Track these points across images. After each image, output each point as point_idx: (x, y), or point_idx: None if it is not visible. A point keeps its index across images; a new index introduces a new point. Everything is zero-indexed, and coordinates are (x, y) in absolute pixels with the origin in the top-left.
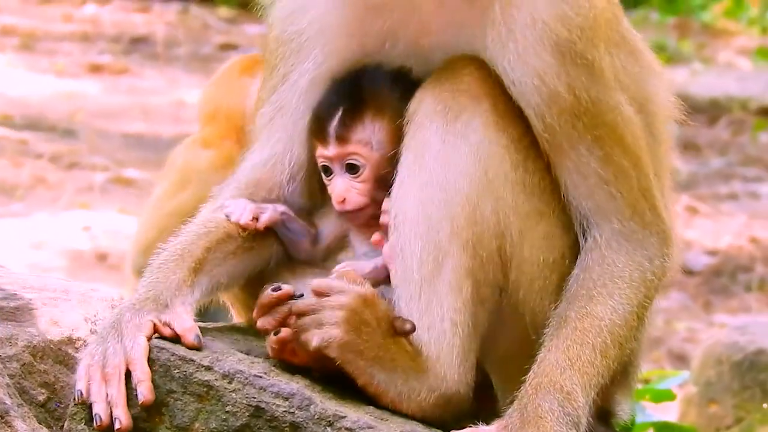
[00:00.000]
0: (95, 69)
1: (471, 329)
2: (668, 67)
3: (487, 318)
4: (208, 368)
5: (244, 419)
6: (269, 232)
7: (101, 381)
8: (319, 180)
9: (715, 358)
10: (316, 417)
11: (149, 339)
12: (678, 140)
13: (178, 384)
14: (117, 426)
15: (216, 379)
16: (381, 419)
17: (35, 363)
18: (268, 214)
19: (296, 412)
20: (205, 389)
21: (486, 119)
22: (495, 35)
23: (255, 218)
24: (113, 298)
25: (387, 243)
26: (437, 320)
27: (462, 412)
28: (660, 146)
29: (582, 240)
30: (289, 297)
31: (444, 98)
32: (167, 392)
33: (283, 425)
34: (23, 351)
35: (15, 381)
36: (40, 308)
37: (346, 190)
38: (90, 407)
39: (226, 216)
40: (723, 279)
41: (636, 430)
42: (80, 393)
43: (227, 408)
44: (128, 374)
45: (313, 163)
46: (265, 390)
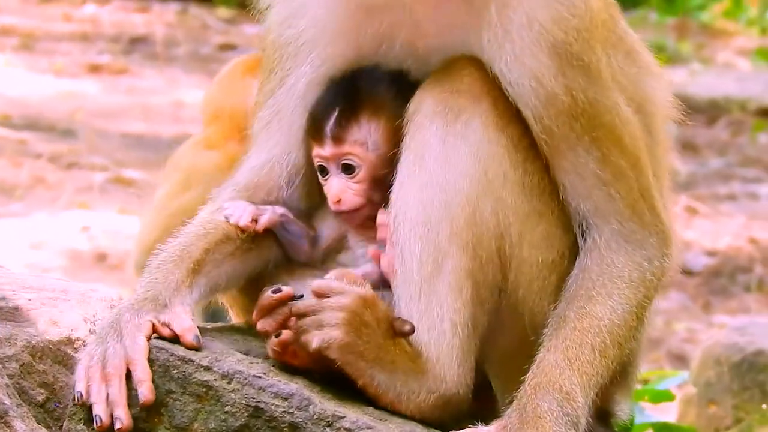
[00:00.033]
0: (94, 69)
1: (470, 330)
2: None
3: (487, 319)
4: (208, 368)
5: (243, 419)
6: (268, 234)
7: (101, 381)
8: (318, 182)
9: (715, 359)
10: (315, 417)
11: (148, 339)
12: (677, 141)
13: (177, 384)
14: (118, 426)
15: (215, 380)
16: (380, 420)
17: (34, 363)
18: (268, 216)
19: (295, 413)
20: (204, 389)
21: (486, 119)
22: (491, 36)
23: (254, 220)
24: (112, 299)
25: (384, 256)
26: (437, 321)
27: (461, 413)
28: (658, 146)
29: (581, 241)
30: (290, 298)
31: (444, 99)
32: (166, 392)
33: (282, 425)
34: (22, 351)
35: (14, 381)
36: (39, 308)
37: (342, 191)
38: (89, 408)
39: (226, 218)
40: (722, 279)
41: (635, 431)
42: (80, 394)
43: (226, 408)
44: (128, 374)
45: (312, 166)
46: (264, 390)
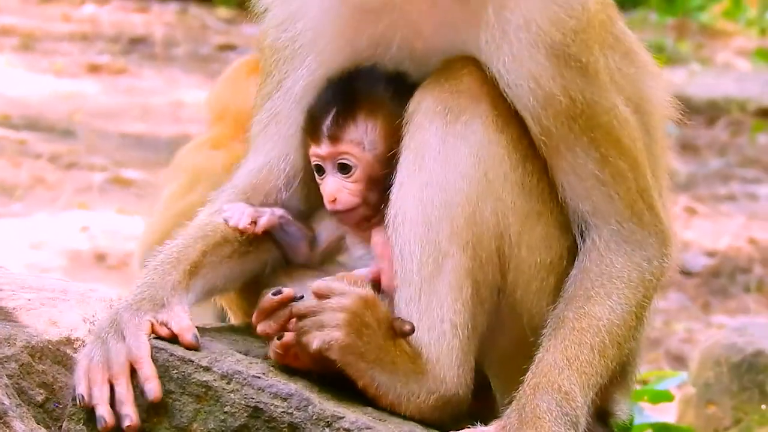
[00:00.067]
0: (94, 69)
1: (470, 331)
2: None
3: (486, 319)
4: (207, 369)
5: (243, 420)
6: (266, 236)
7: (102, 383)
8: (316, 184)
9: (714, 360)
10: (315, 417)
11: (148, 338)
12: (676, 141)
13: (177, 384)
14: (127, 423)
15: (214, 380)
16: (379, 420)
17: (34, 363)
18: (266, 218)
19: (294, 413)
20: (204, 390)
21: (486, 120)
22: (489, 38)
23: (253, 222)
24: (112, 299)
25: (384, 274)
26: (437, 322)
27: (460, 413)
28: (657, 146)
29: (580, 241)
30: (291, 300)
31: (443, 99)
32: (166, 393)
33: (282, 426)
34: (22, 351)
35: (13, 381)
36: (39, 308)
37: (338, 190)
38: (91, 410)
39: (225, 220)
40: (721, 280)
41: (634, 431)
42: (81, 397)
43: (225, 408)
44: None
45: (310, 168)
46: (264, 390)
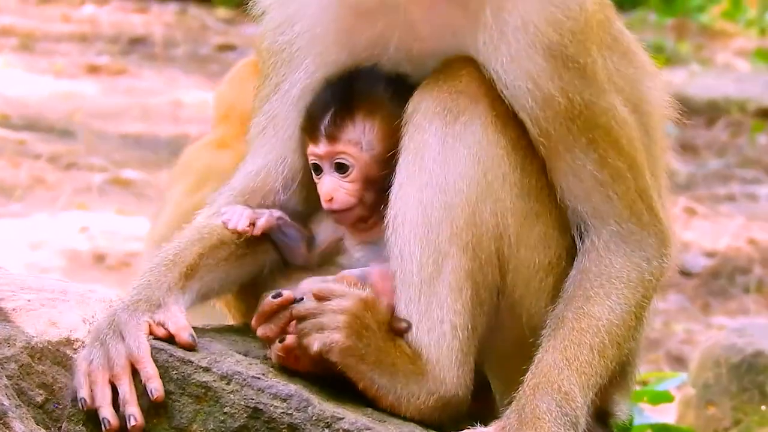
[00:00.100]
0: (93, 69)
1: (470, 332)
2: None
3: (486, 320)
4: (207, 369)
5: (242, 420)
6: (263, 239)
7: (104, 384)
8: (314, 186)
9: (714, 360)
10: (314, 418)
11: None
12: (676, 141)
13: (176, 385)
14: (132, 423)
15: (214, 381)
16: (379, 421)
17: (33, 364)
18: (265, 220)
19: (294, 414)
20: (203, 390)
21: (484, 121)
22: (486, 39)
23: (252, 224)
24: (111, 299)
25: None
26: (437, 322)
27: (460, 414)
28: (656, 146)
29: (579, 242)
30: (291, 302)
31: (443, 99)
32: (166, 393)
33: (281, 426)
34: (21, 352)
35: (13, 382)
36: (38, 309)
37: (334, 189)
38: (94, 412)
39: (223, 223)
40: (721, 281)
41: None
42: (84, 400)
43: (225, 409)
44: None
45: (307, 171)
46: (263, 391)
